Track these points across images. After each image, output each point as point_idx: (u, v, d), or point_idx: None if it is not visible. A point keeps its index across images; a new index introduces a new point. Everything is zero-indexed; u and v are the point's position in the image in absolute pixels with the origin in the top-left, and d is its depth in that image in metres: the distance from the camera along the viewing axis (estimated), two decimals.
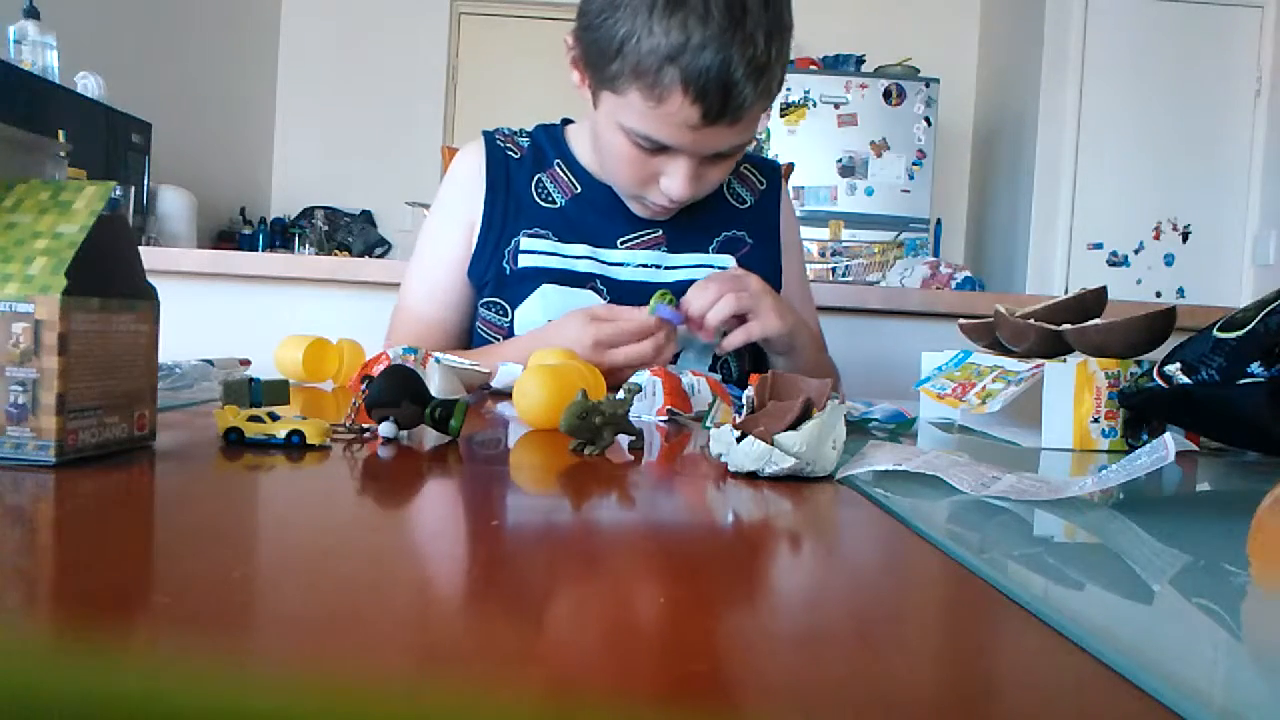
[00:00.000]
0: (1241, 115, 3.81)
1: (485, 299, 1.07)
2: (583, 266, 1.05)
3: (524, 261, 1.05)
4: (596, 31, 0.88)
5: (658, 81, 0.85)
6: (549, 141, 1.12)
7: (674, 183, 0.95)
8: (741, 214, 1.14)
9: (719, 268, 1.09)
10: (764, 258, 1.13)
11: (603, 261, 1.07)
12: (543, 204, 1.08)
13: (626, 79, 0.87)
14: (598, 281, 1.05)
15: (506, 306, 1.06)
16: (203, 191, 3.43)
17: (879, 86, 3.95)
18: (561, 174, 1.09)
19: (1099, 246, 3.88)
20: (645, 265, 1.08)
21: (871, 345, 1.65)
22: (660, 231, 1.08)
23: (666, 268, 1.08)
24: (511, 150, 1.10)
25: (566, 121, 1.15)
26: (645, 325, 0.91)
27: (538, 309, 1.04)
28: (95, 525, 0.32)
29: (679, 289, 0.98)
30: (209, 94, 3.91)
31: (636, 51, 0.85)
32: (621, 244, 1.08)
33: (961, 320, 0.83)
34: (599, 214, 1.08)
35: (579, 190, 1.09)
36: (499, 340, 1.07)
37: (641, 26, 0.84)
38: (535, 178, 1.09)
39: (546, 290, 1.04)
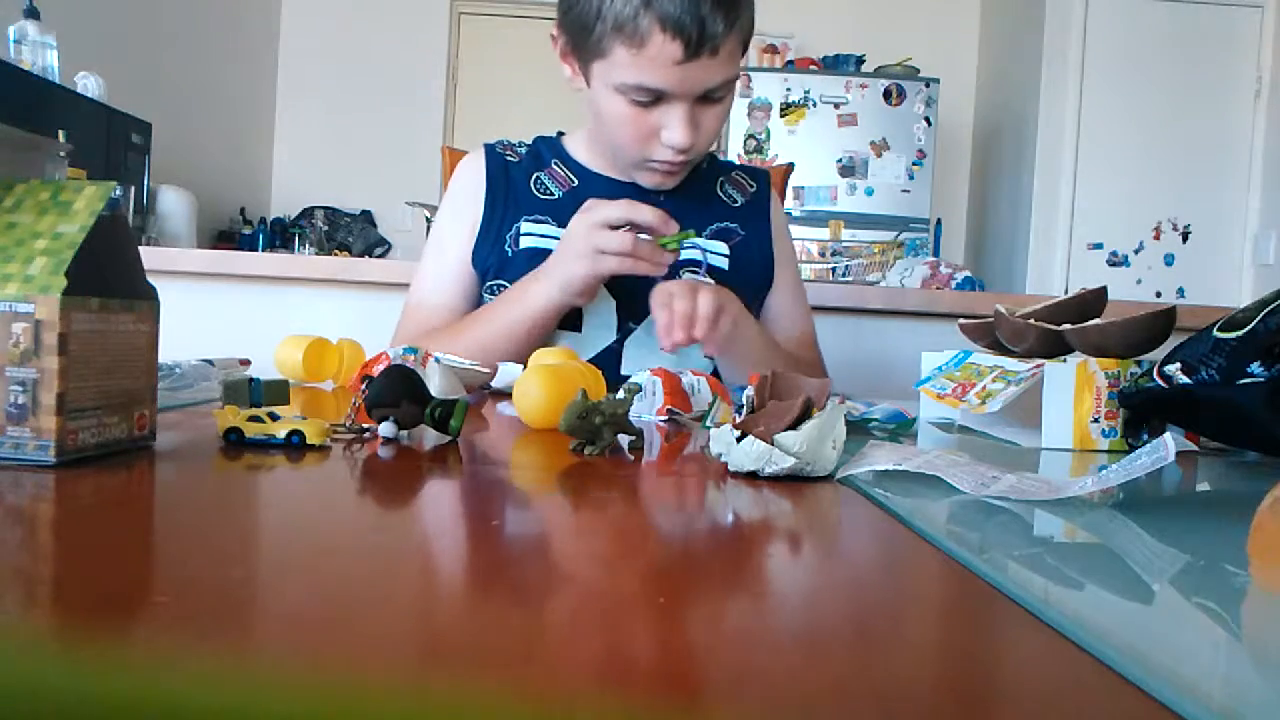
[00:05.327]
0: (1241, 115, 3.81)
1: (489, 283, 1.11)
2: None
3: (525, 243, 1.09)
4: (576, 8, 0.97)
5: (637, 29, 0.93)
6: (546, 147, 1.18)
7: (674, 131, 0.99)
8: (733, 210, 1.20)
9: (713, 252, 1.13)
10: (756, 247, 1.18)
11: None
12: (541, 196, 1.13)
13: (609, 38, 0.94)
14: None
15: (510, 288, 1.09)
16: (203, 191, 3.44)
17: (879, 86, 3.95)
18: (559, 170, 1.15)
19: (1099, 246, 3.88)
20: None
21: (871, 345, 1.65)
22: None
23: None
24: (510, 156, 1.17)
25: (562, 135, 1.21)
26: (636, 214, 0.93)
27: None
28: (95, 525, 0.32)
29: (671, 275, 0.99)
30: (209, 94, 3.91)
31: (613, 9, 0.93)
32: None
33: (961, 320, 0.83)
34: None
35: (575, 184, 1.14)
36: None
37: None
38: (534, 175, 1.15)
39: None
